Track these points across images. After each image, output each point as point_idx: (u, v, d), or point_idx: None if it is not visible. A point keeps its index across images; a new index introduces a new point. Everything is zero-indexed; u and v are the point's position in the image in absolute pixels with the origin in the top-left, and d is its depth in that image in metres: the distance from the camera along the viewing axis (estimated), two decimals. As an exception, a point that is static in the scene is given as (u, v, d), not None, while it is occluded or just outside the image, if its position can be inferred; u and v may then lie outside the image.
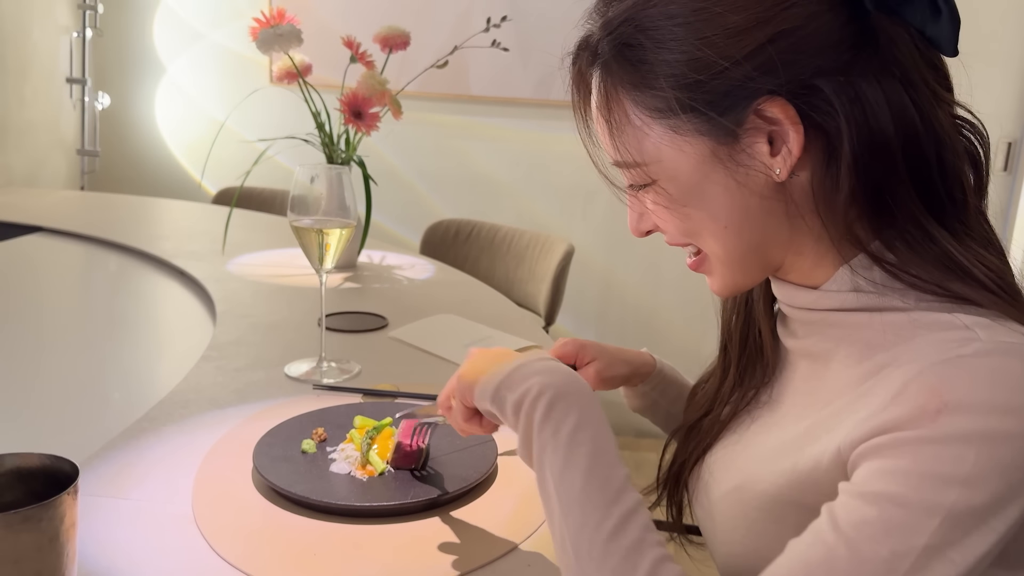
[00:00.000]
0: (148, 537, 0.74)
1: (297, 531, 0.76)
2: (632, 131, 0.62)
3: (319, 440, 0.90)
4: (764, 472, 0.64)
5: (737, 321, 0.76)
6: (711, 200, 0.61)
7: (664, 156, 0.61)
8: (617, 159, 0.64)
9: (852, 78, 0.56)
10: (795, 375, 0.69)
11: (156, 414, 0.99)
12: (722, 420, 0.74)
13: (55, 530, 0.51)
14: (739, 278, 0.66)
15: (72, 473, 0.54)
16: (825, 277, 0.63)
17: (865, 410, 0.55)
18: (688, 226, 0.63)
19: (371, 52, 1.71)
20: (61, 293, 1.70)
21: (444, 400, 0.76)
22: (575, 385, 0.64)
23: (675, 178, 0.61)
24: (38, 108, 2.84)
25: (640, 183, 0.64)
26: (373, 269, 1.81)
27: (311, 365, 1.16)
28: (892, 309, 0.59)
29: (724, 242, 0.63)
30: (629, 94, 0.61)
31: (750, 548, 0.64)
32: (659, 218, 0.65)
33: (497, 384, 0.66)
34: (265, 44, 1.59)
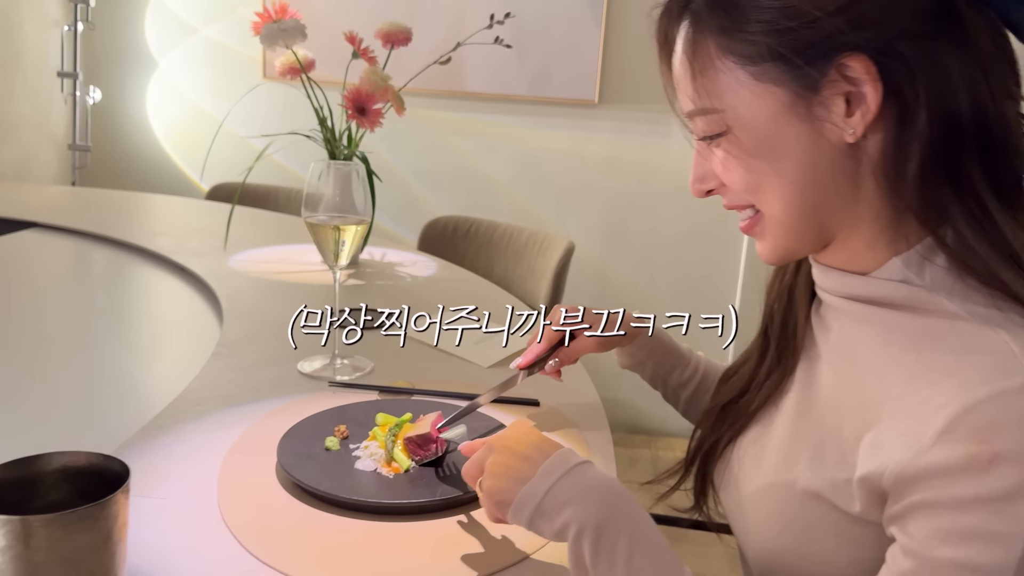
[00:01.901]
0: (177, 536, 0.74)
1: (326, 529, 0.76)
2: (714, 76, 0.62)
3: (342, 437, 0.90)
4: (800, 473, 0.64)
5: (779, 305, 0.76)
6: (782, 154, 0.61)
7: (742, 103, 0.61)
8: (696, 106, 0.64)
9: (935, 46, 0.57)
10: (823, 369, 0.69)
11: (172, 411, 0.99)
12: (755, 406, 0.75)
13: (109, 530, 0.50)
14: (792, 243, 0.66)
15: (122, 472, 0.54)
16: (875, 264, 0.63)
17: (908, 436, 0.55)
18: (754, 180, 0.63)
19: (372, 48, 1.70)
20: (61, 290, 1.68)
21: (471, 478, 0.73)
22: (609, 504, 0.63)
23: (750, 127, 0.62)
24: (28, 102, 2.81)
25: (714, 132, 0.64)
26: (375, 266, 1.80)
27: (324, 362, 1.16)
28: (937, 313, 0.59)
29: (786, 200, 0.63)
30: (716, 39, 0.62)
31: (786, 545, 0.65)
32: (726, 171, 0.65)
33: (530, 515, 0.64)
34: (269, 39, 1.58)
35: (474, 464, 0.72)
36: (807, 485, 0.63)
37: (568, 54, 2.82)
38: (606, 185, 2.94)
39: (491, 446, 0.71)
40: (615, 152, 2.91)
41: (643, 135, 2.88)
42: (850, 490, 0.59)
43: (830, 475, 0.62)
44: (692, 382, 0.99)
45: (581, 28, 2.80)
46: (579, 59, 2.82)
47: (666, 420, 2.98)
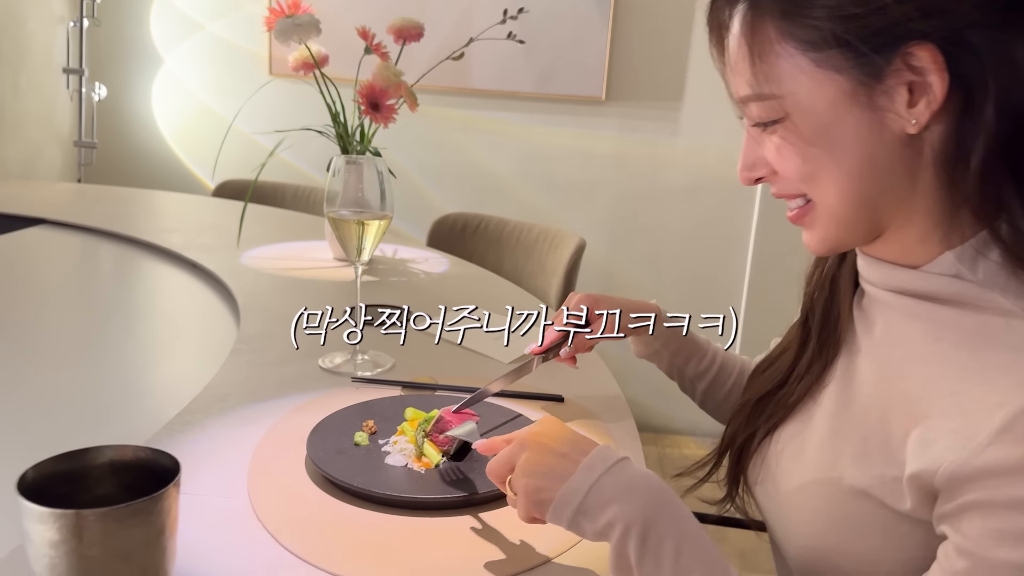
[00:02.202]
0: (210, 531, 0.73)
1: (360, 523, 0.75)
2: (773, 60, 0.61)
3: (370, 432, 0.90)
4: (845, 470, 0.64)
5: (820, 295, 0.75)
6: (840, 143, 0.60)
7: (802, 90, 0.60)
8: (752, 91, 0.63)
9: (1004, 36, 0.56)
10: (865, 363, 0.68)
11: (196, 407, 0.98)
12: (795, 398, 0.74)
13: (162, 524, 0.50)
14: (843, 234, 0.65)
15: (171, 466, 0.53)
16: (926, 257, 0.62)
17: (961, 434, 0.54)
18: (809, 169, 0.62)
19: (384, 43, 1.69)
20: (74, 287, 1.68)
21: (498, 476, 0.70)
22: (654, 502, 0.62)
23: (809, 114, 0.60)
24: (34, 99, 2.80)
25: (771, 119, 0.62)
26: (388, 263, 1.80)
27: (344, 358, 1.15)
28: (991, 310, 0.58)
29: (842, 190, 0.62)
30: (777, 23, 0.60)
31: (830, 543, 0.64)
32: (781, 159, 0.63)
33: (572, 513, 0.63)
34: (283, 34, 1.57)
35: (502, 463, 0.70)
36: (853, 482, 0.63)
37: (575, 51, 2.81)
38: (613, 182, 2.94)
39: (522, 443, 0.68)
40: (622, 149, 2.91)
41: (650, 132, 2.88)
42: (899, 488, 0.59)
43: (878, 472, 0.61)
44: (709, 373, 0.98)
45: (588, 25, 2.79)
46: (586, 56, 2.81)
47: (672, 418, 2.98)
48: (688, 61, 2.79)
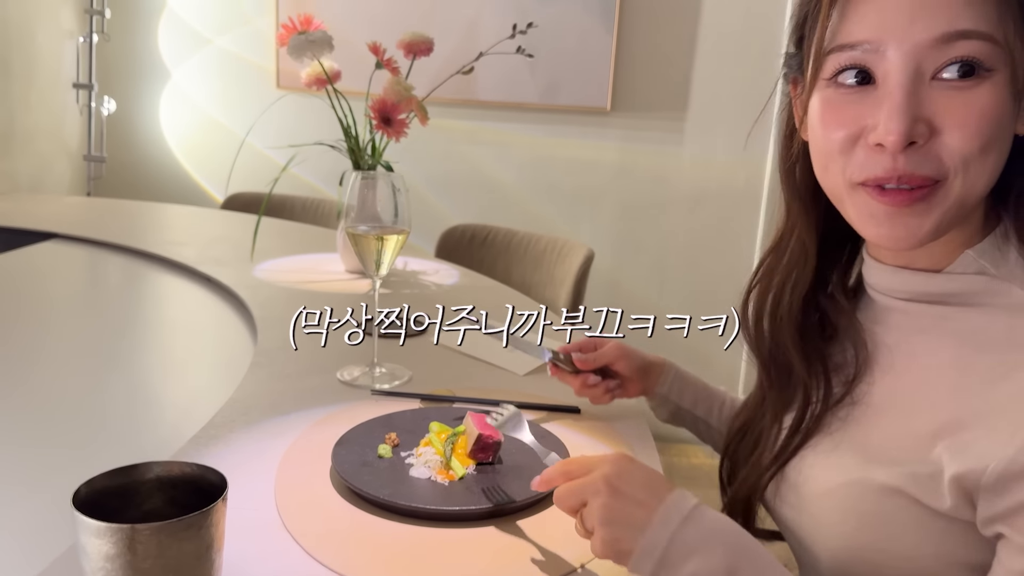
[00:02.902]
0: (242, 543, 0.74)
1: (387, 535, 0.77)
2: (1014, 8, 0.58)
3: (393, 445, 0.91)
4: (879, 468, 0.64)
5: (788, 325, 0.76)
6: (1009, 124, 0.60)
7: (1018, 51, 0.57)
8: (987, 28, 0.57)
9: None
10: (888, 372, 0.69)
11: (220, 421, 1.00)
12: (804, 428, 0.74)
13: (212, 537, 0.51)
14: (952, 223, 0.62)
15: (217, 481, 0.55)
16: (947, 258, 0.64)
17: (1003, 432, 0.55)
18: (993, 133, 0.58)
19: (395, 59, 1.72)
20: (91, 302, 1.69)
21: (569, 508, 0.68)
22: (735, 550, 0.61)
23: (1014, 80, 0.58)
24: (44, 113, 2.83)
25: (989, 66, 0.58)
26: (399, 275, 1.82)
27: (362, 370, 1.17)
28: (1010, 308, 0.60)
29: (990, 177, 0.60)
30: None
31: (864, 542, 0.65)
32: (970, 114, 0.58)
33: (654, 567, 0.61)
34: (297, 50, 1.59)
35: (573, 495, 0.67)
36: (885, 481, 0.63)
37: (580, 62, 2.84)
38: (618, 191, 2.96)
39: (596, 486, 0.65)
40: (627, 159, 2.93)
41: (655, 142, 2.90)
42: (935, 486, 0.59)
43: (909, 470, 0.62)
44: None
45: (593, 36, 2.82)
46: (591, 67, 2.84)
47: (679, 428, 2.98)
48: (692, 72, 2.81)
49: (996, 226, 0.65)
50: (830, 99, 0.63)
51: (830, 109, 0.63)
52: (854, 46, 0.60)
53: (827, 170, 0.66)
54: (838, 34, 0.61)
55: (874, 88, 0.61)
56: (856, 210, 0.64)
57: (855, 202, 0.64)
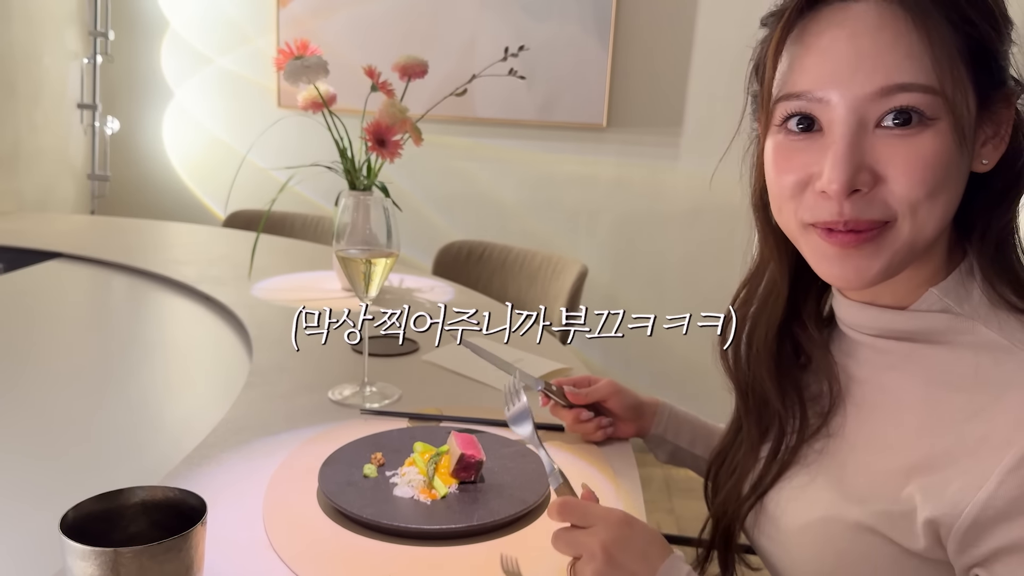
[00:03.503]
0: (228, 563, 0.77)
1: (370, 553, 0.79)
2: (955, 63, 0.59)
3: (378, 464, 0.94)
4: (852, 506, 0.65)
5: (763, 360, 0.78)
6: (959, 168, 0.61)
7: (960, 100, 0.59)
8: (922, 81, 0.59)
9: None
10: (861, 406, 0.70)
11: (214, 441, 1.03)
12: (779, 465, 0.75)
13: (191, 559, 0.54)
14: (904, 263, 0.63)
15: (198, 505, 0.58)
16: (912, 296, 0.65)
17: (975, 475, 0.56)
18: (939, 180, 0.59)
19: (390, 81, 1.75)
20: (91, 320, 1.73)
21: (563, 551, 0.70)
22: None
23: (957, 128, 0.59)
24: (48, 133, 2.87)
25: (931, 115, 0.59)
26: (394, 292, 1.85)
27: (353, 390, 1.20)
28: (977, 345, 0.61)
29: (938, 221, 0.61)
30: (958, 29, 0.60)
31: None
32: (914, 161, 0.59)
33: None
34: (292, 76, 1.63)
35: (568, 546, 0.69)
36: (859, 519, 0.64)
37: (576, 79, 2.88)
38: (615, 207, 2.99)
39: (592, 550, 0.66)
40: (624, 175, 2.96)
41: (651, 158, 2.94)
42: (908, 526, 0.60)
43: (882, 508, 0.62)
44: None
45: (589, 54, 2.86)
46: (587, 84, 2.88)
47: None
48: (687, 88, 2.84)
49: (960, 262, 0.66)
50: (780, 144, 0.66)
51: (780, 154, 0.65)
52: (799, 95, 0.62)
53: (781, 212, 0.68)
54: (785, 83, 0.64)
55: (821, 135, 0.63)
56: (809, 249, 0.66)
57: (808, 242, 0.66)
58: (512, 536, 0.83)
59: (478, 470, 0.91)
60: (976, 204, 0.65)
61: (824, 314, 0.80)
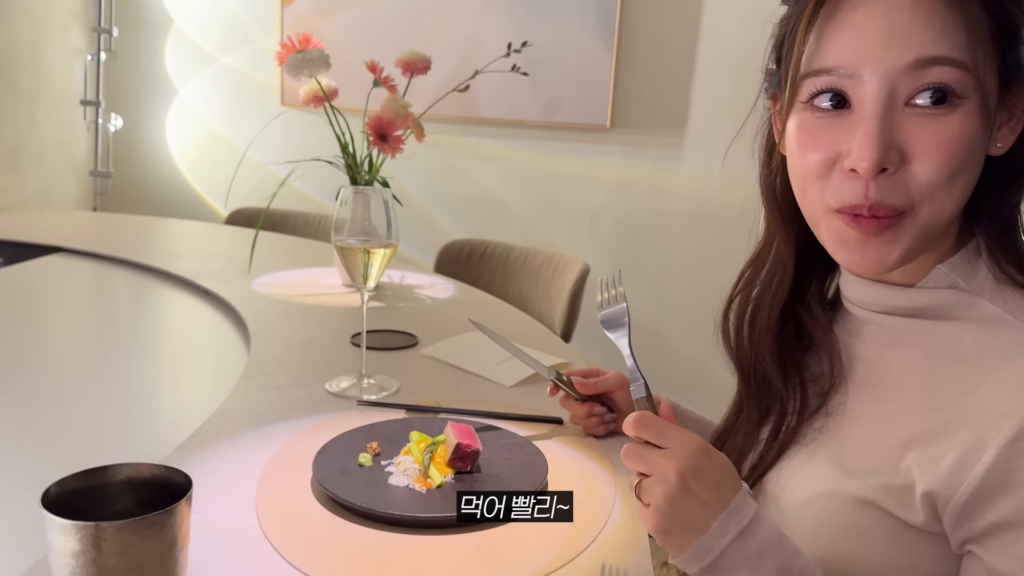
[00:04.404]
0: (220, 549, 0.76)
1: (364, 542, 0.78)
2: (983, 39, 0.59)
3: (374, 454, 0.93)
4: (852, 480, 0.65)
5: (764, 342, 0.78)
6: (980, 148, 0.61)
7: (990, 77, 0.59)
8: (960, 56, 0.58)
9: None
10: (863, 383, 0.70)
11: (208, 430, 1.02)
12: (780, 443, 0.74)
13: (175, 536, 0.53)
14: (922, 248, 0.63)
15: (183, 482, 0.57)
16: (920, 273, 0.65)
17: (974, 449, 0.56)
18: (962, 161, 0.59)
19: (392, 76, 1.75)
20: (90, 313, 1.72)
21: (632, 466, 0.66)
22: (782, 569, 0.61)
23: (984, 107, 0.59)
24: (51, 130, 2.87)
25: (960, 93, 0.59)
26: (395, 288, 1.84)
27: (351, 382, 1.19)
28: (982, 320, 0.61)
29: (956, 203, 0.61)
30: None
31: (840, 553, 0.65)
32: (942, 141, 0.59)
33: (701, 570, 0.62)
34: (294, 69, 1.62)
35: (641, 463, 0.65)
36: (858, 493, 0.64)
37: (580, 80, 2.87)
38: (617, 208, 2.98)
39: (665, 473, 0.62)
40: (626, 176, 2.95)
41: (654, 159, 2.93)
42: (907, 499, 0.60)
43: (882, 481, 0.62)
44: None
45: (593, 54, 2.85)
46: (591, 85, 2.87)
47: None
48: (691, 89, 2.84)
49: (968, 241, 0.66)
50: (806, 122, 0.64)
51: (806, 132, 0.64)
52: (830, 71, 0.61)
53: (805, 193, 0.67)
54: (815, 59, 0.62)
55: (849, 112, 0.62)
56: (830, 235, 0.66)
57: (829, 227, 0.65)
58: (507, 526, 0.82)
59: (474, 460, 0.89)
60: (988, 186, 0.65)
61: (828, 296, 0.80)
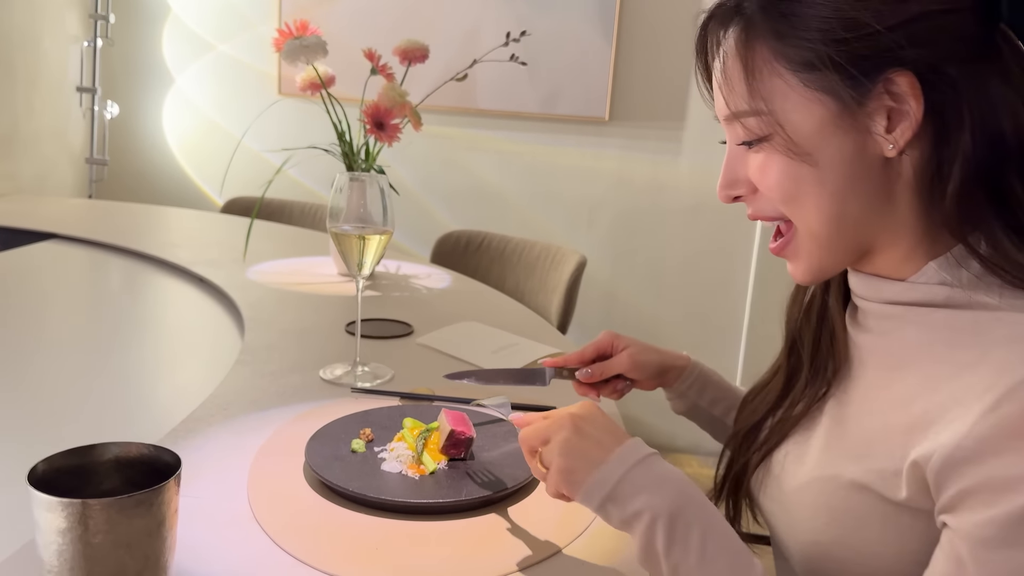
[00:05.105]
0: (210, 532, 0.76)
1: (356, 527, 0.78)
2: (766, 78, 0.64)
3: (367, 440, 0.92)
4: (847, 465, 0.66)
5: (808, 324, 0.78)
6: (824, 162, 0.63)
7: (791, 107, 0.63)
8: (745, 106, 0.65)
9: (978, 70, 0.60)
10: (866, 370, 0.70)
11: (200, 415, 1.01)
12: (793, 418, 0.75)
13: (163, 515, 0.52)
14: (826, 259, 0.68)
15: (172, 462, 0.56)
16: (913, 270, 0.65)
17: (956, 421, 0.56)
18: (792, 188, 0.65)
19: (390, 64, 1.73)
20: (84, 300, 1.71)
21: (529, 447, 0.73)
22: (683, 494, 0.64)
23: (796, 132, 0.63)
24: (47, 117, 2.86)
25: (759, 135, 0.65)
26: (391, 278, 1.83)
27: (345, 369, 1.18)
28: (978, 306, 0.61)
29: (823, 211, 0.65)
30: (770, 43, 0.64)
31: (832, 537, 0.66)
32: (765, 176, 0.66)
33: (602, 499, 0.66)
34: (291, 55, 1.61)
35: (536, 434, 0.72)
36: (854, 477, 0.64)
37: (579, 72, 2.86)
38: (616, 202, 2.97)
39: (560, 421, 0.70)
40: (625, 169, 2.94)
41: (653, 152, 2.92)
42: (898, 479, 0.61)
43: (877, 467, 0.63)
44: None
45: (592, 46, 2.84)
46: (590, 77, 2.86)
47: (676, 436, 2.98)
48: (690, 82, 2.82)
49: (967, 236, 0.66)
50: None
51: None
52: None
53: None
54: None
55: None
56: None
57: None
58: (500, 513, 0.81)
59: (468, 447, 0.89)
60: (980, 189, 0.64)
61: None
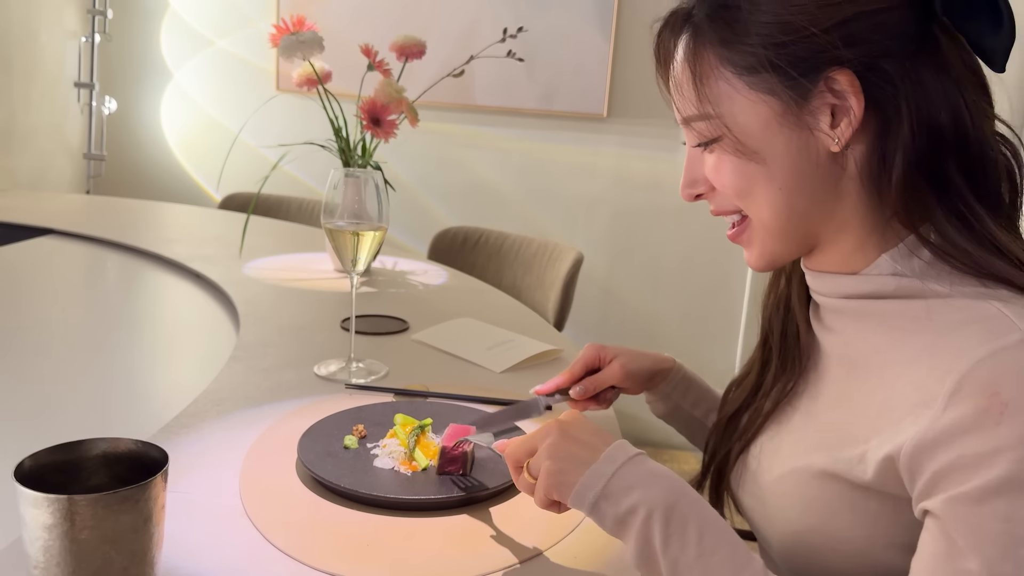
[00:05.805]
0: (201, 528, 0.76)
1: (347, 523, 0.78)
2: (713, 83, 0.67)
3: (360, 436, 0.92)
4: (818, 456, 0.67)
5: (776, 317, 0.81)
6: (772, 160, 0.66)
7: (737, 110, 0.66)
8: (697, 111, 0.68)
9: (916, 66, 0.62)
10: (831, 365, 0.73)
11: (194, 411, 1.01)
12: (765, 412, 0.78)
13: (150, 511, 0.52)
14: (779, 247, 0.71)
15: (160, 458, 0.56)
16: (865, 263, 0.68)
17: (920, 407, 0.58)
18: (744, 184, 0.68)
19: (387, 60, 1.73)
20: (80, 295, 1.71)
21: (516, 460, 0.73)
22: (675, 488, 0.65)
23: (743, 133, 0.66)
24: (45, 112, 2.85)
25: (710, 137, 0.68)
26: (387, 274, 1.83)
27: (340, 365, 1.18)
28: (931, 294, 0.63)
29: (774, 204, 0.68)
30: (716, 50, 0.67)
31: (807, 526, 0.68)
32: (718, 175, 0.69)
33: (595, 498, 0.66)
34: (287, 50, 1.61)
35: (522, 445, 0.72)
36: (824, 466, 0.66)
37: (577, 68, 2.86)
38: (614, 198, 2.97)
39: (547, 429, 0.71)
40: (623, 166, 2.94)
41: (651, 149, 2.92)
42: (863, 465, 0.62)
43: (845, 455, 0.65)
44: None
45: (590, 43, 2.83)
46: (588, 73, 2.85)
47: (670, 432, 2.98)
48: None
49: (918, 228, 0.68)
50: None
51: None
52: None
53: None
54: None
55: None
56: None
57: None
58: (491, 509, 0.82)
59: (465, 463, 0.86)
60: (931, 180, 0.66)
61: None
